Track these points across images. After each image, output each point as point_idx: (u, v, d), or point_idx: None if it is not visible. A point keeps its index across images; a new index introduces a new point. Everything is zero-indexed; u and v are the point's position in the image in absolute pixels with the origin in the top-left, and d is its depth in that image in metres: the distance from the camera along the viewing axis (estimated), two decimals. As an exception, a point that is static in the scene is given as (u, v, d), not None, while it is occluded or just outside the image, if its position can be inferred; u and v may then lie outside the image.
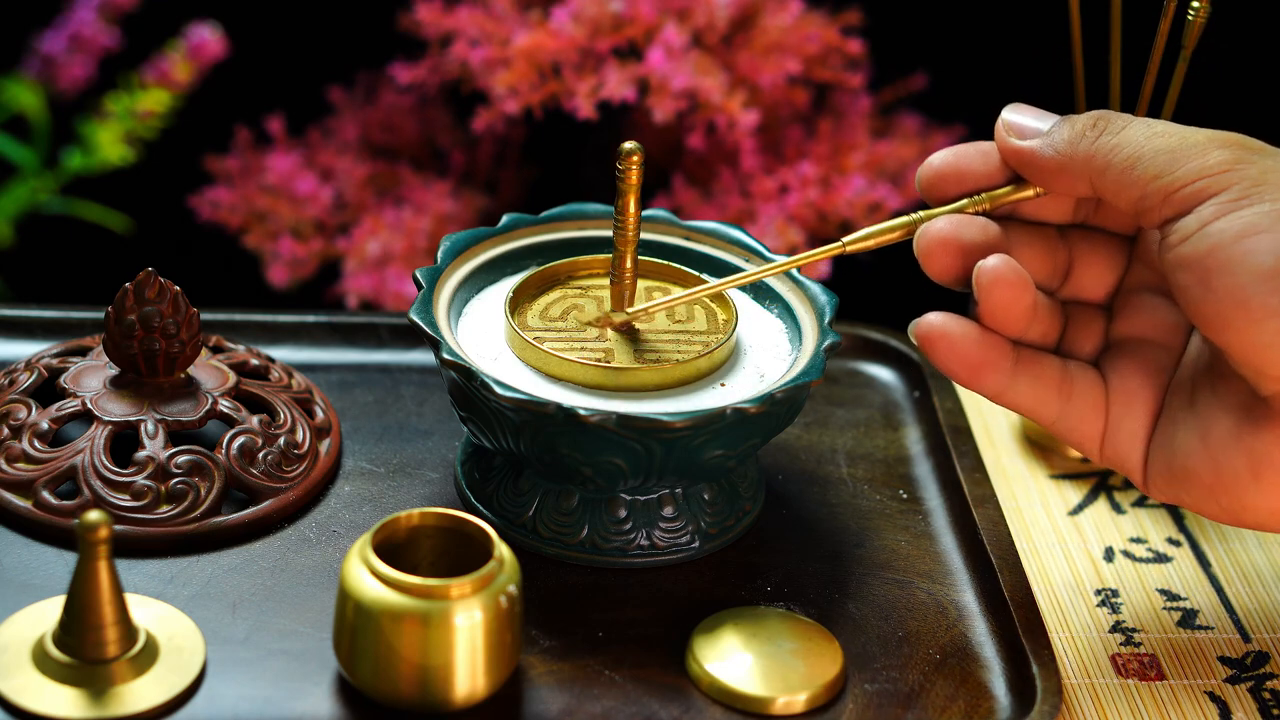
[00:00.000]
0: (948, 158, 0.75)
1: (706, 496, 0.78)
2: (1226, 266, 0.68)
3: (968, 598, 0.78)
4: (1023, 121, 0.74)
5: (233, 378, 0.81)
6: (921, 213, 0.75)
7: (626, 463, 0.74)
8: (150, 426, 0.78)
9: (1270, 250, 0.67)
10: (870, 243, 0.75)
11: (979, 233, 0.74)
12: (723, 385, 0.77)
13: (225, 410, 0.79)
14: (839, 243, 0.75)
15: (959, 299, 0.76)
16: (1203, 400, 0.73)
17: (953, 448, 0.85)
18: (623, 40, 1.04)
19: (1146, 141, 0.70)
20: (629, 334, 0.78)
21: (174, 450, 0.77)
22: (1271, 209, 0.67)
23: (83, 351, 0.83)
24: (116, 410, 0.78)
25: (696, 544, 0.78)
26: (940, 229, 0.74)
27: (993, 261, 0.72)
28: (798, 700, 0.71)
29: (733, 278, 0.78)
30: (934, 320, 0.74)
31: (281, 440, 0.79)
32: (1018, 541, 0.83)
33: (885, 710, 0.72)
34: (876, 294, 1.09)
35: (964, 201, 0.75)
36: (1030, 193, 0.74)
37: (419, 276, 0.78)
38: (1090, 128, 0.72)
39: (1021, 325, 0.74)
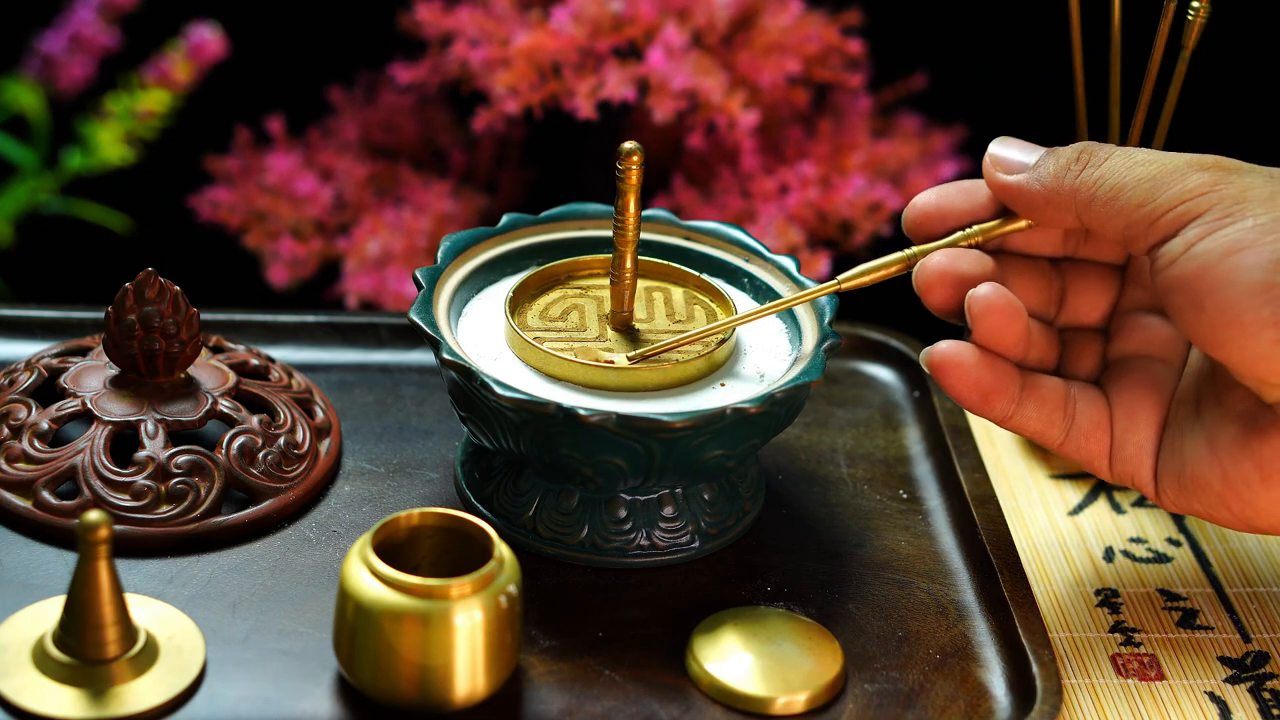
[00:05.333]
0: (930, 199, 0.77)
1: (706, 496, 0.78)
2: (1216, 285, 0.68)
3: (968, 598, 0.78)
4: (1009, 156, 0.75)
5: (233, 378, 0.81)
6: (916, 248, 0.76)
7: (626, 463, 0.74)
8: (150, 426, 0.78)
9: (1256, 265, 0.68)
10: (868, 279, 0.76)
11: (974, 264, 0.75)
12: (723, 385, 0.77)
13: (225, 410, 0.79)
14: (835, 280, 0.77)
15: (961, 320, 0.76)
16: (1208, 410, 0.73)
17: (953, 448, 0.85)
18: (623, 40, 1.04)
19: (1128, 171, 0.72)
20: (629, 334, 0.78)
21: (174, 450, 0.77)
22: (1254, 224, 0.68)
23: (83, 351, 0.83)
24: (116, 410, 0.78)
25: (696, 544, 0.78)
26: (937, 263, 0.75)
27: (983, 289, 0.74)
28: (798, 700, 0.71)
29: (734, 318, 0.78)
30: (944, 348, 0.75)
31: (281, 440, 0.79)
32: (1018, 541, 0.83)
33: (885, 710, 0.72)
34: (876, 294, 1.08)
35: (956, 235, 0.76)
36: (1020, 224, 0.76)
37: (419, 276, 0.78)
38: (1074, 161, 0.73)
39: (1016, 351, 0.75)
